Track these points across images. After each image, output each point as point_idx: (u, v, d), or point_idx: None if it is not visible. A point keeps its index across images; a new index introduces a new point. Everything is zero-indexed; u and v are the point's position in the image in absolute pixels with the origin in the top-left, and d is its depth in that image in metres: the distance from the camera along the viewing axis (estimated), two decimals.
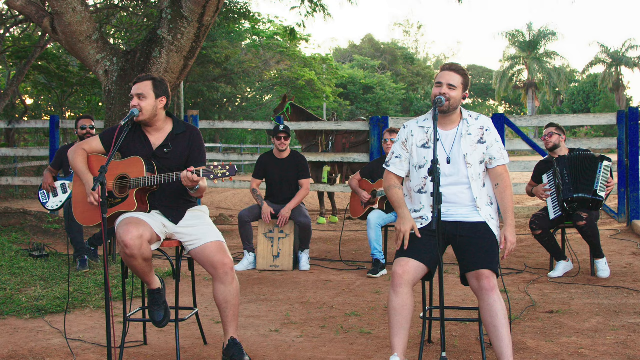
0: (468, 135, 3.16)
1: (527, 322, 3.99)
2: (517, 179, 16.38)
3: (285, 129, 6.04)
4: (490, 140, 3.17)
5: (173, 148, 3.36)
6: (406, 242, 3.04)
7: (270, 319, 4.18)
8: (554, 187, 5.30)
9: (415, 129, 3.23)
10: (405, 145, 3.24)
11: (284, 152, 6.10)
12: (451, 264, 5.75)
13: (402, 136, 3.26)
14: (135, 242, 3.06)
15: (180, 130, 3.41)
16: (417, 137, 3.21)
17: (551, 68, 43.17)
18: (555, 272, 5.31)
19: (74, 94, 16.94)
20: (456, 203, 3.12)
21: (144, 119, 3.32)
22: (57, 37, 7.47)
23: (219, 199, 14.01)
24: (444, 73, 3.15)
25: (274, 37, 22.99)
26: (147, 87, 3.33)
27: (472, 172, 3.12)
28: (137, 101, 3.30)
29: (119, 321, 3.97)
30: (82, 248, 5.73)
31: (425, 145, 3.17)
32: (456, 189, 3.12)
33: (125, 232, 3.07)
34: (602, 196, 5.16)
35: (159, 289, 3.33)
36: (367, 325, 4.00)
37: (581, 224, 5.12)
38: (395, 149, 3.28)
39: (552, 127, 5.46)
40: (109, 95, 7.48)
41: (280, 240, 5.95)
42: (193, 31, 7.35)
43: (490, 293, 2.92)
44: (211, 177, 3.08)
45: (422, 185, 3.17)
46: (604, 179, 5.16)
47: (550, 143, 5.41)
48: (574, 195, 5.16)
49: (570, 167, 5.23)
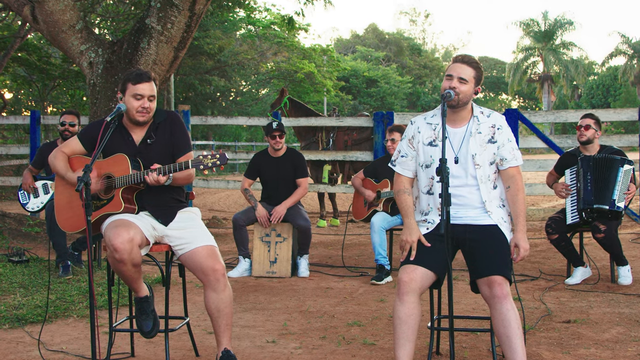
0: (478, 134, 3.15)
1: (543, 332, 3.99)
2: (531, 179, 16.40)
3: (279, 127, 6.03)
4: (501, 140, 3.16)
5: (156, 138, 3.38)
6: (413, 253, 3.05)
7: (267, 329, 4.19)
8: (574, 188, 5.27)
9: (422, 125, 3.23)
10: (411, 143, 3.24)
11: (280, 151, 6.11)
12: (460, 270, 5.75)
13: (409, 133, 3.26)
14: (125, 246, 3.07)
15: (161, 119, 3.43)
16: (424, 134, 3.21)
17: (568, 60, 43.18)
18: (572, 278, 5.31)
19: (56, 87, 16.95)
20: (465, 205, 3.12)
21: (148, 119, 3.36)
22: (38, 27, 7.47)
23: (211, 201, 14.02)
24: (456, 65, 3.14)
25: (270, 26, 22.99)
26: (154, 88, 3.36)
27: (480, 173, 3.12)
28: (148, 103, 3.32)
29: (104, 331, 3.97)
30: (64, 253, 5.73)
31: (432, 143, 3.17)
32: (464, 190, 3.12)
33: (114, 235, 3.08)
34: (620, 207, 5.10)
35: (146, 296, 3.33)
36: (371, 335, 4.00)
37: (600, 237, 5.12)
38: (401, 147, 3.28)
39: (590, 119, 5.31)
40: (94, 89, 7.48)
41: (277, 244, 5.95)
42: (184, 20, 7.35)
43: (503, 301, 2.92)
44: (201, 167, 3.11)
45: (430, 186, 3.18)
46: (623, 186, 5.09)
47: (584, 137, 5.28)
48: (594, 206, 5.10)
49: (595, 170, 5.14)
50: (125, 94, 3.32)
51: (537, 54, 44.65)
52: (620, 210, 5.10)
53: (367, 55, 42.50)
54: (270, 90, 28.97)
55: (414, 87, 41.93)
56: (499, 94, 56.56)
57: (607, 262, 5.58)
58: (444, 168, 2.84)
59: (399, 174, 3.28)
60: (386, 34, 49.97)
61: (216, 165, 3.09)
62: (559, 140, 8.36)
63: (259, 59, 24.62)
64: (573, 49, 44.29)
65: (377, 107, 36.17)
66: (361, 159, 8.98)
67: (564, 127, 39.14)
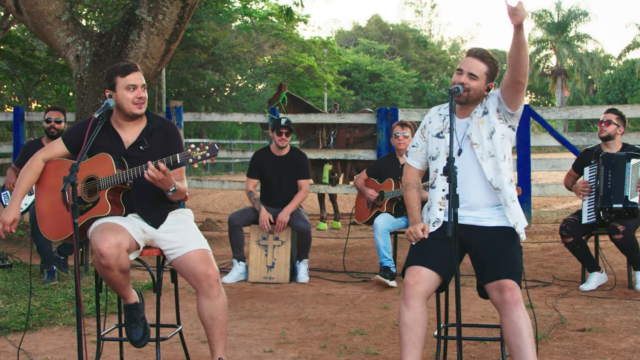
0: (474, 114, 3.18)
1: (556, 341, 3.99)
2: (544, 179, 16.42)
3: (287, 123, 6.04)
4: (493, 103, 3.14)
5: (150, 145, 3.36)
6: (426, 233, 3.12)
7: (264, 337, 4.18)
8: (594, 187, 5.27)
9: (434, 115, 3.31)
10: (423, 133, 3.34)
11: (283, 149, 6.11)
12: (469, 275, 5.75)
13: (423, 123, 3.37)
14: (112, 252, 3.06)
15: (156, 125, 3.42)
16: (434, 125, 3.29)
17: (583, 53, 43.17)
18: (587, 284, 5.31)
19: (41, 82, 16.94)
20: (468, 202, 3.13)
21: (142, 113, 3.35)
22: (21, 18, 7.47)
23: (205, 202, 14.02)
24: (467, 59, 3.15)
25: (268, 17, 22.98)
26: (143, 78, 3.37)
27: (480, 152, 3.14)
28: (143, 93, 3.33)
29: (92, 340, 3.97)
30: (50, 257, 5.73)
31: (440, 134, 3.24)
32: (468, 182, 3.12)
33: (101, 240, 3.07)
34: (635, 202, 5.11)
35: (136, 303, 3.33)
36: (374, 345, 4.00)
37: (618, 238, 5.12)
38: (415, 138, 3.38)
39: (613, 115, 5.30)
40: (81, 84, 7.48)
41: (275, 248, 5.95)
42: (176, 11, 7.35)
43: (514, 307, 2.92)
44: (190, 160, 3.10)
45: (433, 179, 3.25)
46: (634, 181, 5.09)
47: (604, 132, 5.28)
48: (613, 205, 5.10)
49: (614, 169, 5.13)
50: (115, 89, 3.31)
51: (549, 46, 44.64)
52: (635, 206, 5.10)
53: (370, 48, 42.50)
54: (268, 85, 28.96)
55: (419, 81, 41.90)
56: None
57: (624, 267, 5.58)
58: (451, 167, 2.85)
59: (408, 165, 3.38)
60: (390, 25, 49.97)
61: (206, 158, 3.09)
62: (573, 138, 8.36)
63: (255, 52, 24.61)
64: (588, 41, 44.28)
65: (380, 102, 36.16)
66: (363, 158, 8.98)
67: (579, 124, 39.15)
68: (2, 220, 3.26)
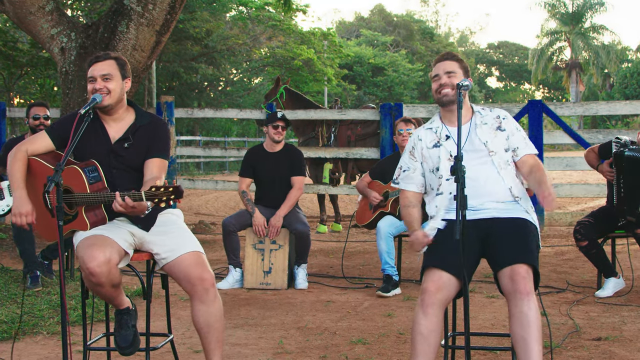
0: (484, 125, 3.33)
1: (570, 350, 4.00)
2: (557, 179, 16.40)
3: (284, 118, 6.06)
4: (510, 128, 3.34)
5: (135, 142, 3.35)
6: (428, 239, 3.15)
7: (261, 347, 4.19)
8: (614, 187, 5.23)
9: (422, 132, 3.44)
10: (413, 154, 3.42)
11: (278, 145, 6.11)
12: (478, 281, 5.75)
13: (409, 146, 3.46)
14: (102, 269, 3.05)
15: (144, 122, 3.42)
16: (425, 140, 3.40)
17: (599, 45, 43.21)
18: (603, 290, 5.32)
19: (24, 76, 16.94)
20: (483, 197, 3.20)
21: (110, 102, 3.32)
22: (3, 8, 7.48)
23: (198, 203, 14.02)
24: (438, 65, 3.37)
25: (264, 7, 23.02)
26: (112, 66, 3.35)
27: (497, 159, 3.26)
28: (102, 83, 3.31)
29: (77, 350, 3.98)
30: (33, 262, 5.73)
31: (437, 144, 3.35)
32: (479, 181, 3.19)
33: (89, 258, 3.05)
34: None
35: (128, 308, 3.32)
36: (377, 355, 4.01)
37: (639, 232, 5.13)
38: (402, 163, 3.47)
39: None
40: (66, 78, 7.49)
41: (272, 252, 5.95)
42: (167, 0, 7.36)
43: (525, 298, 2.92)
44: (155, 200, 3.01)
45: (438, 186, 3.31)
46: None
47: None
48: (627, 216, 5.11)
49: (629, 173, 5.03)
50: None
51: (563, 38, 44.67)
52: None
53: (373, 40, 42.54)
54: (264, 79, 29.00)
55: (425, 75, 41.93)
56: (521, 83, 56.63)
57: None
58: (459, 167, 2.88)
59: (403, 190, 3.45)
60: (394, 16, 50.02)
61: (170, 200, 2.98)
62: (588, 135, 8.36)
63: (251, 44, 24.64)
64: (604, 32, 44.34)
65: (384, 98, 36.20)
66: (366, 157, 8.99)
67: (594, 121, 39.16)
68: (21, 212, 3.21)
